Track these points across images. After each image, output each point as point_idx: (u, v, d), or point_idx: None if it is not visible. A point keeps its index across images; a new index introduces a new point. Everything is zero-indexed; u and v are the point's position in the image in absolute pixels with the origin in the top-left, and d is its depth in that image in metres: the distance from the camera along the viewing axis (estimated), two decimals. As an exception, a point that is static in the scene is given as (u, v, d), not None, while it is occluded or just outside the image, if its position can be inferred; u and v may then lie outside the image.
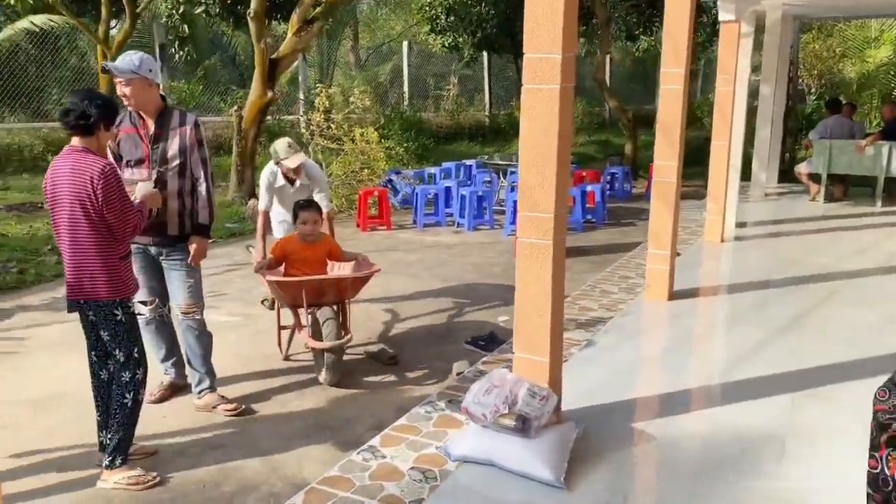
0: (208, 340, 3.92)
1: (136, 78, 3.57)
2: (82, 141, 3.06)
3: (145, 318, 3.89)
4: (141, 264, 3.80)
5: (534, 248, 3.06)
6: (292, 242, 4.42)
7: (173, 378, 4.06)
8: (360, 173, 9.46)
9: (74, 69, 15.05)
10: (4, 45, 13.76)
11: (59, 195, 3.02)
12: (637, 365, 4.17)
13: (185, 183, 3.75)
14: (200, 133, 3.81)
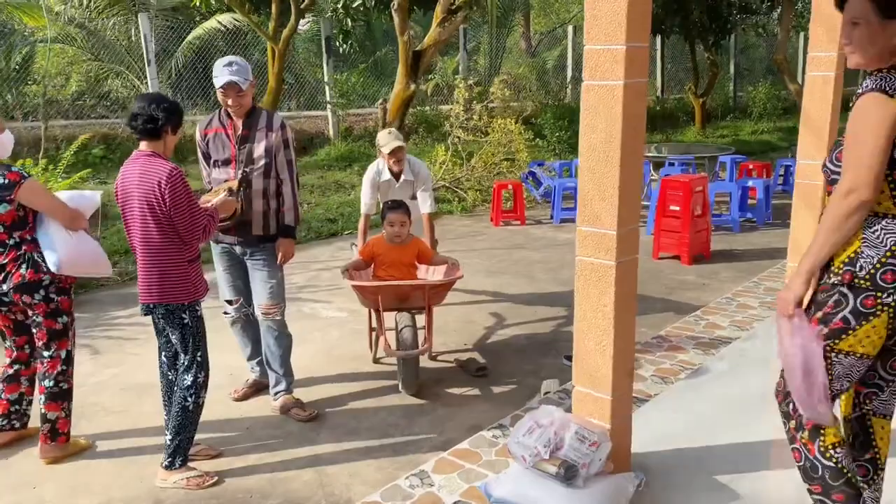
0: (287, 342, 3.89)
1: (249, 84, 3.62)
2: (150, 145, 3.10)
3: (231, 318, 3.95)
4: (226, 264, 3.85)
5: (594, 269, 2.66)
6: (380, 244, 4.29)
7: (258, 377, 4.09)
8: (499, 165, 9.20)
9: (257, 63, 16.16)
10: (195, 44, 15.06)
11: (129, 200, 3.08)
12: (746, 402, 3.56)
13: (270, 183, 3.74)
14: (287, 134, 3.79)
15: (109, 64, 14.80)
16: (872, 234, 2.06)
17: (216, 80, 3.60)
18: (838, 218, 2.02)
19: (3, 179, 3.11)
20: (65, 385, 3.33)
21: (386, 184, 4.79)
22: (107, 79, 15.39)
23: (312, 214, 8.50)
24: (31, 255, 3.21)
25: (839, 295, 2.09)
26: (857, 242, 2.07)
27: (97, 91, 15.53)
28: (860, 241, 2.07)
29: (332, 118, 13.39)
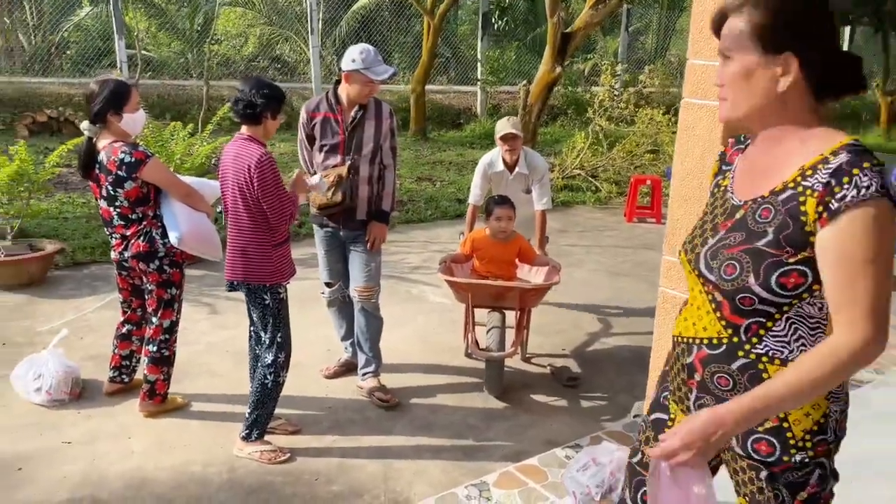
0: (378, 324, 3.93)
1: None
2: (249, 129, 3.19)
3: (327, 299, 4.04)
4: (328, 247, 3.94)
5: (676, 302, 2.44)
6: (482, 238, 4.21)
7: (350, 357, 4.17)
8: (642, 157, 8.75)
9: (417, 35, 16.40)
10: (360, 13, 15.52)
11: (225, 181, 3.21)
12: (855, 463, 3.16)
13: (375, 170, 3.79)
14: (394, 122, 3.83)
15: (281, 29, 15.61)
16: (837, 386, 1.53)
17: (372, 71, 3.59)
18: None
19: (130, 158, 3.31)
20: (166, 352, 3.57)
21: (498, 175, 4.67)
22: (278, 43, 16.27)
23: (443, 193, 8.54)
24: (149, 230, 3.43)
25: (818, 468, 1.55)
26: (824, 402, 1.52)
27: (269, 54, 16.47)
28: (827, 399, 1.52)
29: (480, 95, 13.36)
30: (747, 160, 1.57)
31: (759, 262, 1.41)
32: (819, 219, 1.36)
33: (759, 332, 1.47)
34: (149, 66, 13.69)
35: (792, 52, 1.38)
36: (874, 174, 1.34)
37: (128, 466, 3.20)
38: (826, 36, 1.40)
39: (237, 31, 16.21)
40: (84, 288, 5.35)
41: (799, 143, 1.43)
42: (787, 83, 1.39)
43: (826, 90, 1.43)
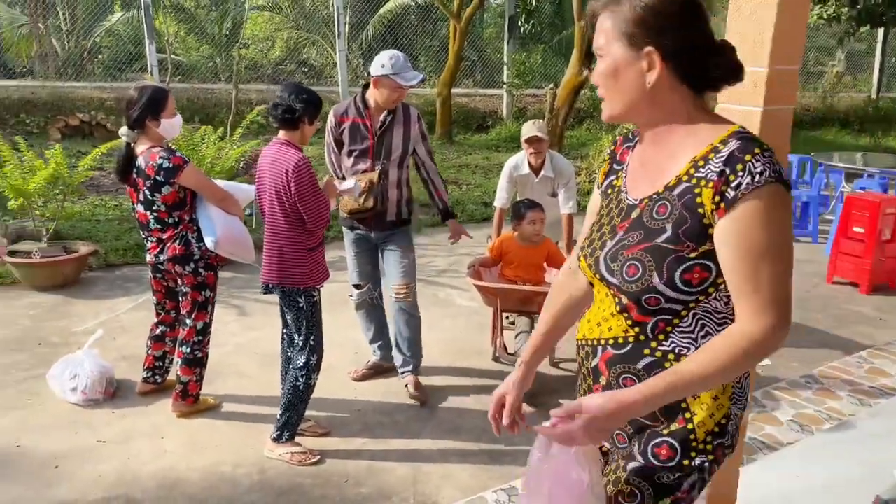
0: (417, 323, 3.96)
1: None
2: (286, 134, 3.23)
3: (356, 301, 4.07)
4: (358, 249, 3.98)
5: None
6: (510, 241, 4.21)
7: (378, 359, 4.19)
8: (671, 162, 8.68)
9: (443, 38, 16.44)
10: (387, 17, 15.61)
11: (263, 184, 3.25)
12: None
13: (403, 173, 3.86)
14: (423, 126, 3.88)
15: (308, 33, 15.75)
16: (740, 387, 1.49)
17: (401, 77, 3.62)
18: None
19: (169, 163, 3.36)
20: (199, 353, 3.61)
21: (524, 178, 4.67)
22: (305, 47, 16.42)
23: (469, 196, 8.55)
24: (185, 234, 3.48)
25: (698, 473, 1.47)
26: (727, 403, 1.45)
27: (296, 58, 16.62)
28: (730, 400, 1.46)
29: (506, 98, 13.35)
30: (637, 158, 1.53)
31: (661, 259, 1.38)
32: (717, 209, 1.33)
33: (667, 329, 1.43)
34: (178, 70, 13.88)
35: (653, 46, 1.36)
36: (766, 159, 1.31)
37: (161, 466, 3.25)
38: (688, 28, 1.37)
39: (264, 35, 16.40)
40: (117, 289, 5.44)
41: (686, 136, 1.41)
42: (654, 78, 1.37)
43: (701, 82, 1.41)
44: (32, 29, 13.75)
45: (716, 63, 1.39)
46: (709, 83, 1.42)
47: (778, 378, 4.19)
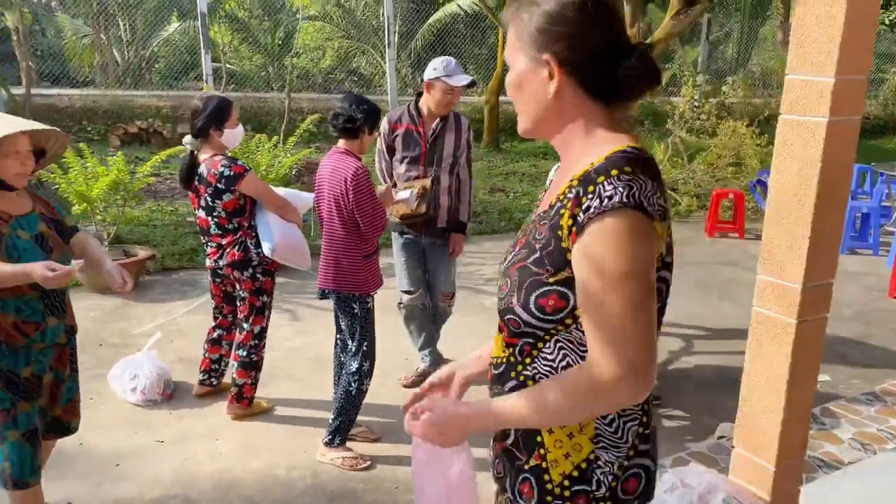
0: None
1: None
2: (346, 143, 3.30)
3: (406, 307, 4.10)
4: (409, 254, 4.03)
5: (771, 323, 2.37)
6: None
7: (428, 366, 4.21)
8: (724, 171, 8.53)
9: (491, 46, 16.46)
10: (436, 26, 15.70)
11: (322, 192, 3.32)
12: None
13: (453, 181, 3.95)
14: (471, 135, 4.00)
15: (358, 42, 15.95)
16: (610, 429, 1.33)
17: (453, 79, 3.72)
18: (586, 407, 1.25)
19: (230, 171, 3.44)
20: (255, 357, 3.68)
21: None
22: (355, 56, 16.63)
23: (516, 204, 8.53)
24: (244, 240, 3.55)
25: None
26: (588, 445, 1.32)
27: (346, 67, 16.84)
28: (593, 442, 1.32)
29: (555, 106, 13.30)
30: (557, 173, 1.44)
31: (523, 280, 1.29)
32: (570, 234, 1.22)
33: (532, 352, 1.34)
34: (232, 79, 14.20)
35: (551, 54, 1.27)
36: (621, 182, 1.18)
37: (216, 467, 3.32)
38: (588, 34, 1.26)
39: (315, 44, 16.65)
40: (174, 293, 5.58)
41: (580, 152, 1.30)
42: (554, 87, 1.28)
43: (608, 91, 1.29)
44: (94, 39, 14.24)
45: (625, 69, 1.26)
46: (619, 92, 1.30)
47: (838, 395, 4.07)
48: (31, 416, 2.48)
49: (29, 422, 2.47)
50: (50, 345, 2.51)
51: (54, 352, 2.55)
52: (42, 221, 2.53)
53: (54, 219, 2.60)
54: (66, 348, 2.61)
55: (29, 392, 2.46)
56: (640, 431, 1.35)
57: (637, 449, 1.34)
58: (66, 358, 2.63)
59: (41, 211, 2.56)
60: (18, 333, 2.41)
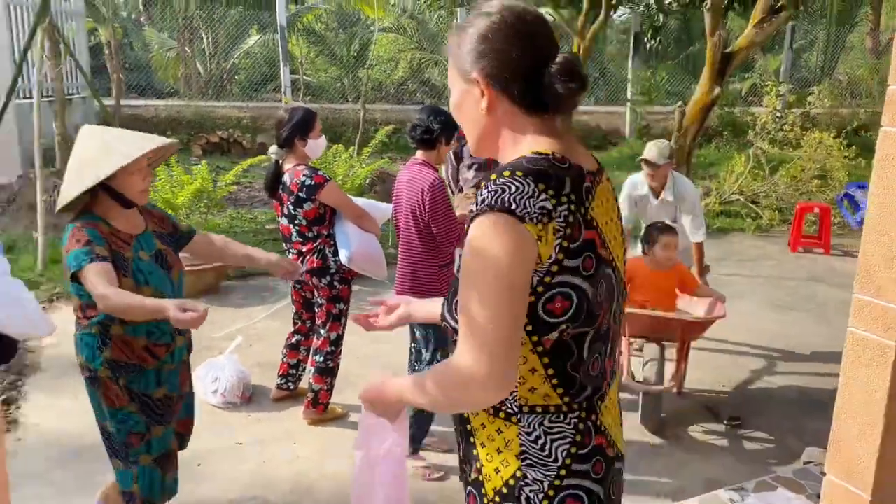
0: None
1: None
2: (423, 154, 3.33)
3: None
4: None
5: (867, 345, 2.25)
6: (639, 265, 4.10)
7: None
8: (809, 183, 8.21)
9: (564, 57, 16.34)
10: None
11: (399, 202, 3.35)
12: None
13: None
14: None
15: (430, 53, 16.12)
16: (535, 447, 1.32)
17: None
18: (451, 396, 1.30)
19: (311, 181, 3.52)
20: (331, 363, 3.75)
21: (642, 199, 4.52)
22: (427, 67, 16.80)
23: (591, 216, 8.43)
24: (323, 248, 3.63)
25: None
26: (514, 462, 1.33)
27: (418, 78, 17.03)
28: (519, 459, 1.33)
29: (629, 115, 13.10)
30: None
31: (452, 286, 1.36)
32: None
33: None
34: (308, 90, 14.55)
35: (477, 71, 1.30)
36: (496, 186, 1.22)
37: (294, 470, 3.38)
38: (511, 49, 1.28)
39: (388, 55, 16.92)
40: (253, 298, 5.74)
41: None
42: (485, 104, 1.31)
43: (537, 104, 1.30)
44: (179, 52, 14.84)
45: (549, 80, 1.28)
46: (548, 103, 1.31)
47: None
48: (163, 440, 2.44)
49: (161, 446, 2.44)
50: (178, 364, 2.50)
51: (181, 371, 2.54)
52: (156, 238, 2.48)
53: (166, 232, 2.55)
54: (186, 365, 2.60)
55: (163, 414, 2.43)
56: (574, 451, 1.32)
57: (570, 469, 1.32)
58: (187, 374, 2.61)
59: (153, 228, 2.50)
60: (150, 356, 2.38)
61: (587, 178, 1.31)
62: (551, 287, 1.25)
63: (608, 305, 1.34)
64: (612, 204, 1.41)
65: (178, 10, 14.32)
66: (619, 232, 1.41)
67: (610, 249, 1.34)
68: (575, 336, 1.29)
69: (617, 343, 1.45)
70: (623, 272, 1.42)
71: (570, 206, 1.24)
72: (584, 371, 1.32)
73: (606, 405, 1.40)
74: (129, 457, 2.38)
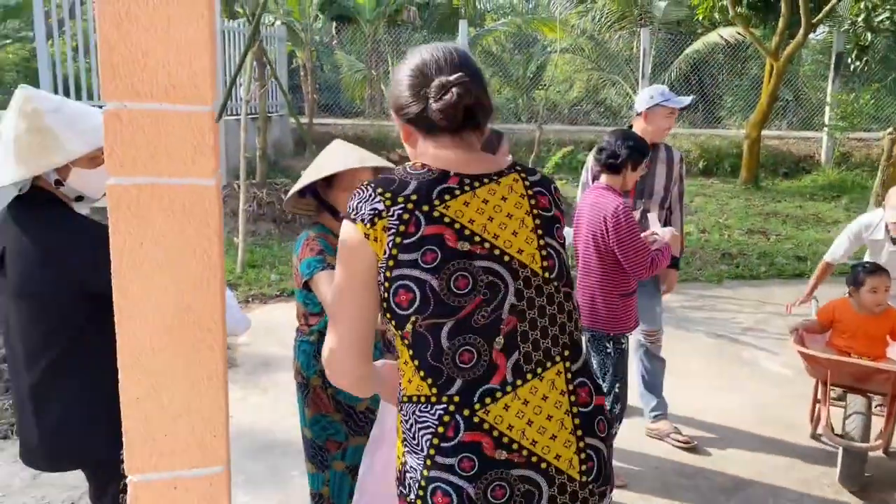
0: (663, 365, 3.92)
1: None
2: (608, 178, 3.25)
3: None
4: None
5: None
6: (845, 308, 3.74)
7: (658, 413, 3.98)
8: None
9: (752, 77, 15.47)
10: (693, 57, 15.13)
11: (580, 227, 3.30)
12: None
13: (663, 214, 3.79)
14: (683, 169, 3.85)
15: (608, 74, 15.86)
16: (409, 433, 1.41)
17: (673, 101, 3.68)
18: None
19: None
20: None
21: (877, 245, 4.03)
22: (604, 87, 16.56)
23: (778, 248, 7.85)
24: None
25: None
26: (401, 448, 1.45)
27: (593, 98, 16.83)
28: (403, 444, 1.44)
29: (826, 141, 12.12)
30: None
31: None
32: None
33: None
34: (484, 111, 14.82)
35: (392, 108, 1.54)
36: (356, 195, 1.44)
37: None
38: (405, 89, 1.48)
39: (564, 76, 16.86)
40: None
41: None
42: (402, 134, 1.55)
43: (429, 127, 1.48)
44: (366, 74, 15.69)
45: (432, 106, 1.44)
46: (435, 125, 1.47)
47: None
48: (358, 450, 2.43)
49: (356, 456, 2.44)
50: None
51: None
52: None
53: None
54: None
55: (363, 426, 2.45)
56: (436, 443, 1.36)
57: (434, 460, 1.36)
58: None
59: None
60: None
61: (451, 181, 1.42)
62: (393, 280, 1.37)
63: (485, 297, 1.38)
64: (514, 202, 1.46)
65: (368, 34, 15.17)
66: (520, 225, 1.45)
67: (492, 243, 1.40)
68: (429, 327, 1.36)
69: (530, 338, 1.41)
70: (531, 262, 1.44)
71: (406, 206, 1.38)
72: (449, 362, 1.36)
73: (507, 403, 1.37)
74: (325, 461, 2.47)
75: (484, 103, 1.50)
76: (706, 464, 3.65)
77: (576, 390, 1.44)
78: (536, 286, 1.43)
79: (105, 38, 1.06)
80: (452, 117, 1.44)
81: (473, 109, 1.47)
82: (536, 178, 1.54)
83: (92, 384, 2.06)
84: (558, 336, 1.45)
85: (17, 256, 1.96)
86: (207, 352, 1.18)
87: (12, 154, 1.89)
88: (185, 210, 1.13)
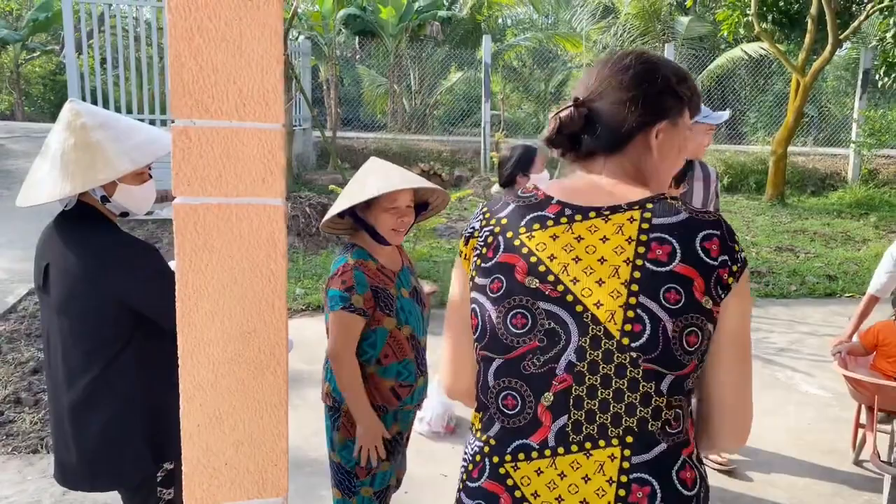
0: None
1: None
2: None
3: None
4: None
5: None
6: (891, 331, 3.64)
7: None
8: None
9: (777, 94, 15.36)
10: (716, 72, 15.05)
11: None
12: None
13: None
14: (718, 186, 3.77)
15: (630, 89, 15.80)
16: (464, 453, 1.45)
17: (712, 117, 3.60)
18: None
19: None
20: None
21: None
22: (625, 102, 16.50)
23: (808, 267, 7.72)
24: None
25: None
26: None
27: (614, 113, 16.76)
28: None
29: (853, 158, 11.97)
30: None
31: None
32: None
33: None
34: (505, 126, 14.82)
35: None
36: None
37: (497, 512, 3.32)
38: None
39: (585, 91, 16.81)
40: (452, 329, 5.82)
41: None
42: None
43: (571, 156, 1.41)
44: (388, 88, 15.76)
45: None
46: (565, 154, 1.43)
47: None
48: (387, 476, 2.44)
49: (384, 481, 2.43)
50: (415, 406, 2.48)
51: (416, 410, 2.53)
52: (411, 274, 2.44)
53: (411, 267, 2.51)
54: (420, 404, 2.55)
55: (392, 452, 2.42)
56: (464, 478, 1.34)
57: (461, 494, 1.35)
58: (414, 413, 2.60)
59: (406, 263, 2.46)
60: (394, 397, 2.35)
61: (550, 209, 1.29)
62: (471, 302, 1.33)
63: (541, 344, 1.23)
64: (615, 245, 1.22)
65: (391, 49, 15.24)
66: (611, 275, 1.20)
67: (567, 287, 1.22)
68: (482, 358, 1.31)
69: (585, 406, 1.21)
70: (608, 321, 1.19)
71: (494, 229, 1.32)
72: (493, 402, 1.28)
73: (541, 467, 1.22)
74: (352, 487, 2.41)
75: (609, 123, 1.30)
76: (745, 489, 3.55)
77: (629, 484, 1.19)
78: (605, 350, 1.19)
79: (176, 54, 1.03)
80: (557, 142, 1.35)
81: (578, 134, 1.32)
82: (668, 220, 1.21)
83: (130, 402, 2.03)
84: (622, 416, 1.20)
85: (61, 274, 1.93)
86: (271, 377, 1.13)
87: (58, 169, 1.87)
88: (252, 230, 1.09)
